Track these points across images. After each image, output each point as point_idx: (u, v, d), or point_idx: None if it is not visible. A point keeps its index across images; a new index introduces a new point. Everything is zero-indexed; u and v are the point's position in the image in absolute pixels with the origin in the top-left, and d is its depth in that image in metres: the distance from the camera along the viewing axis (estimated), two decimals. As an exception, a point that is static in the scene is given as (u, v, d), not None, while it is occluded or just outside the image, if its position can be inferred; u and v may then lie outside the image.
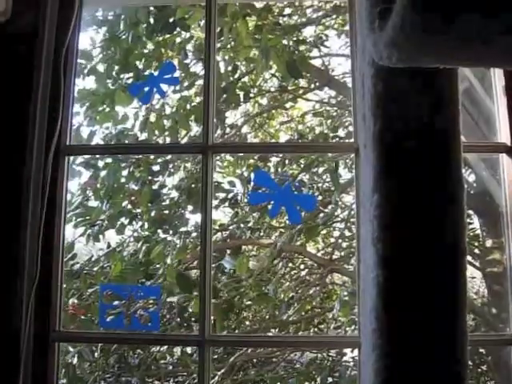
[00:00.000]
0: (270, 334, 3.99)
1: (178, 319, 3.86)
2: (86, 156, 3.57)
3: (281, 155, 4.02)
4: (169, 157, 3.97)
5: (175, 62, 4.05)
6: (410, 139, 1.35)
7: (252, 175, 4.10)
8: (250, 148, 2.77)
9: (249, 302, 4.07)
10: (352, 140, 1.91)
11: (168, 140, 3.96)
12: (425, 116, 1.35)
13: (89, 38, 3.99)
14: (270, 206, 2.79)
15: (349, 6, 1.97)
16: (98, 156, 3.61)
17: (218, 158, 4.03)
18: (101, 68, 3.95)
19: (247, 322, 4.30)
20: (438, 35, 0.94)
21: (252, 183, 3.99)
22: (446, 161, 1.35)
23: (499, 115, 1.88)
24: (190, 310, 3.77)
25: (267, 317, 4.20)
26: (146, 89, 2.61)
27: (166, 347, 3.93)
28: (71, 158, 2.04)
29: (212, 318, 1.85)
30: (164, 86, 2.66)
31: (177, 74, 3.77)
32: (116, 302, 3.24)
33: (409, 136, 1.35)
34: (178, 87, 3.89)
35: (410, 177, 1.35)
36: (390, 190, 1.35)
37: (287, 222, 4.04)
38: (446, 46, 0.99)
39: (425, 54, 1.04)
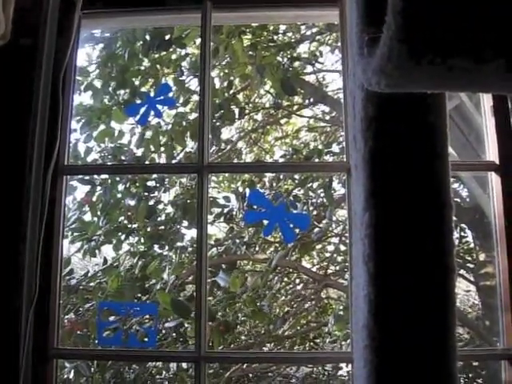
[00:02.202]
0: (265, 350, 4.00)
1: (174, 334, 3.87)
2: (83, 172, 3.60)
3: (276, 171, 4.04)
4: (164, 171, 3.98)
5: (171, 78, 4.09)
6: (399, 161, 1.39)
7: (247, 190, 4.12)
8: (244, 168, 2.81)
9: (244, 318, 4.08)
10: (344, 159, 1.95)
11: (164, 155, 3.98)
12: (414, 139, 1.39)
13: (85, 55, 4.04)
14: (265, 222, 2.82)
15: (340, 24, 2.02)
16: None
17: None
18: (97, 84, 3.98)
19: (243, 337, 4.31)
20: (425, 65, 0.98)
21: (247, 201, 4.01)
22: (435, 182, 1.38)
23: (488, 135, 1.92)
24: (186, 325, 3.79)
25: (262, 331, 4.21)
26: (143, 110, 2.63)
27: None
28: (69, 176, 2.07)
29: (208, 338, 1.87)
30: (160, 106, 2.70)
31: (173, 93, 3.80)
32: (113, 318, 3.26)
33: (398, 158, 1.39)
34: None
35: (400, 197, 1.38)
36: (380, 209, 1.38)
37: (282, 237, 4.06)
38: (435, 74, 1.02)
39: (413, 81, 1.07)
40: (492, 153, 1.90)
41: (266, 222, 2.62)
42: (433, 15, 0.93)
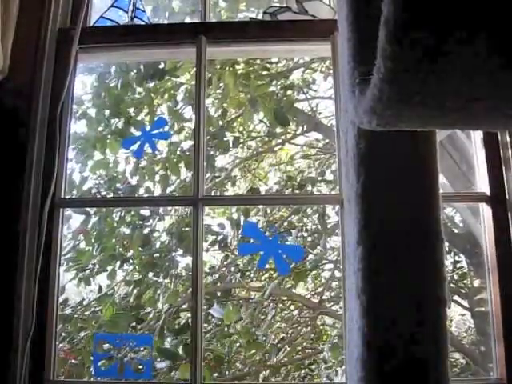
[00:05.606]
0: (260, 377, 3.97)
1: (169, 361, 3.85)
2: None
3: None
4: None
5: (165, 106, 4.11)
6: (390, 196, 1.41)
7: (241, 218, 4.12)
8: (239, 200, 2.85)
9: (239, 348, 4.06)
10: (338, 188, 1.98)
11: (158, 185, 3.99)
12: (405, 173, 1.42)
13: (80, 84, 4.06)
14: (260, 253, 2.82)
15: (333, 57, 2.06)
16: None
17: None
18: (92, 112, 4.00)
19: (238, 365, 4.28)
20: (414, 106, 1.01)
21: (241, 233, 4.01)
22: (426, 216, 1.41)
23: (479, 166, 1.95)
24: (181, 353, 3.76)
25: (257, 358, 4.18)
26: (138, 144, 2.64)
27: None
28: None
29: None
30: (155, 140, 2.71)
31: (168, 125, 3.82)
32: (107, 346, 3.24)
33: (390, 193, 1.41)
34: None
35: (392, 231, 1.40)
36: (373, 243, 1.40)
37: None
38: (423, 114, 1.05)
39: (403, 121, 1.10)
40: (483, 184, 1.93)
41: (260, 253, 2.62)
42: (421, 59, 0.96)
